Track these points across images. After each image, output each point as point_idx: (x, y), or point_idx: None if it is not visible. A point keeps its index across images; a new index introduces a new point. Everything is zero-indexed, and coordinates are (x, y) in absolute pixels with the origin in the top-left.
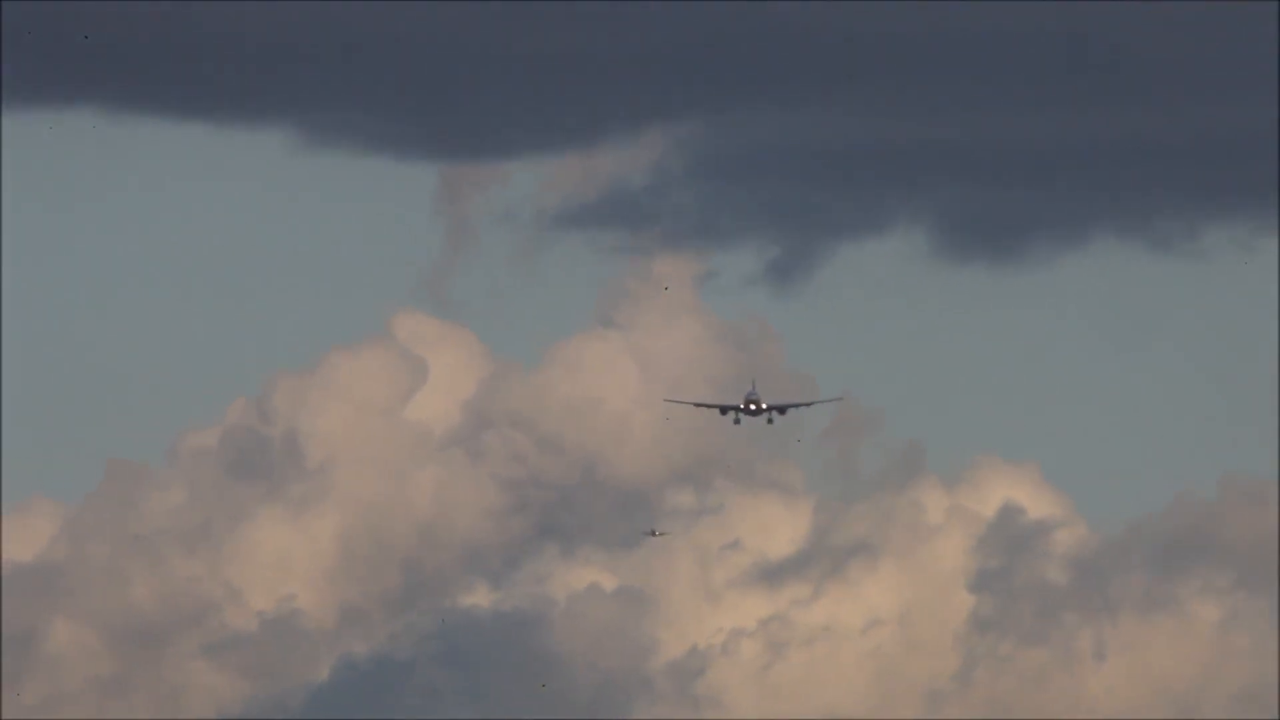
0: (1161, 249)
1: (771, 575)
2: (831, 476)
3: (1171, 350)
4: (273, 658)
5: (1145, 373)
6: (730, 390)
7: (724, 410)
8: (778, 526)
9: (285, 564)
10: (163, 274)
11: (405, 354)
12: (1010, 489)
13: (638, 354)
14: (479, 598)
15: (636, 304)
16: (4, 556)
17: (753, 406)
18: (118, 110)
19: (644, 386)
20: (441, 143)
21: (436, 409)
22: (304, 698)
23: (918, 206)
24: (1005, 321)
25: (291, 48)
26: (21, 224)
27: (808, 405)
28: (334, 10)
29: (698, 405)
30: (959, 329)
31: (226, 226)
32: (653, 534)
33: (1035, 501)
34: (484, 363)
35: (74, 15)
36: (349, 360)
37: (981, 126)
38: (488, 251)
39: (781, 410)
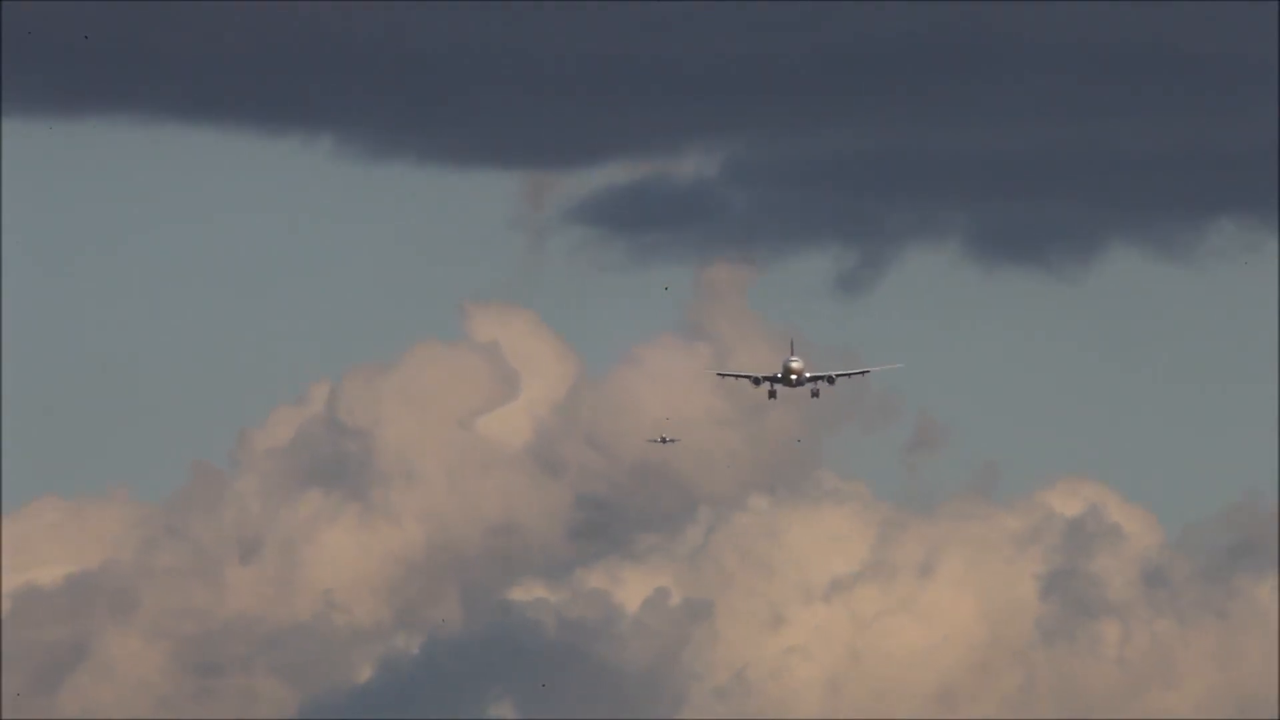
0: (1217, 258)
1: (836, 589)
2: (898, 490)
3: (1223, 358)
4: (326, 660)
5: (1202, 381)
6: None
7: (756, 381)
8: (842, 540)
9: (345, 568)
10: (233, 280)
11: (477, 358)
12: (1076, 501)
13: (701, 360)
14: (538, 604)
15: (704, 313)
16: (77, 555)
17: (793, 377)
18: (185, 120)
19: (708, 394)
20: (515, 150)
21: (505, 412)
22: (354, 701)
23: (970, 215)
24: (1063, 335)
25: (363, 57)
26: (102, 228)
27: (863, 373)
28: (397, 20)
29: (721, 375)
30: (1024, 345)
31: (304, 234)
32: (662, 440)
33: (1101, 512)
34: (551, 367)
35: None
36: (422, 362)
37: (1031, 136)
38: (559, 257)
39: (831, 380)
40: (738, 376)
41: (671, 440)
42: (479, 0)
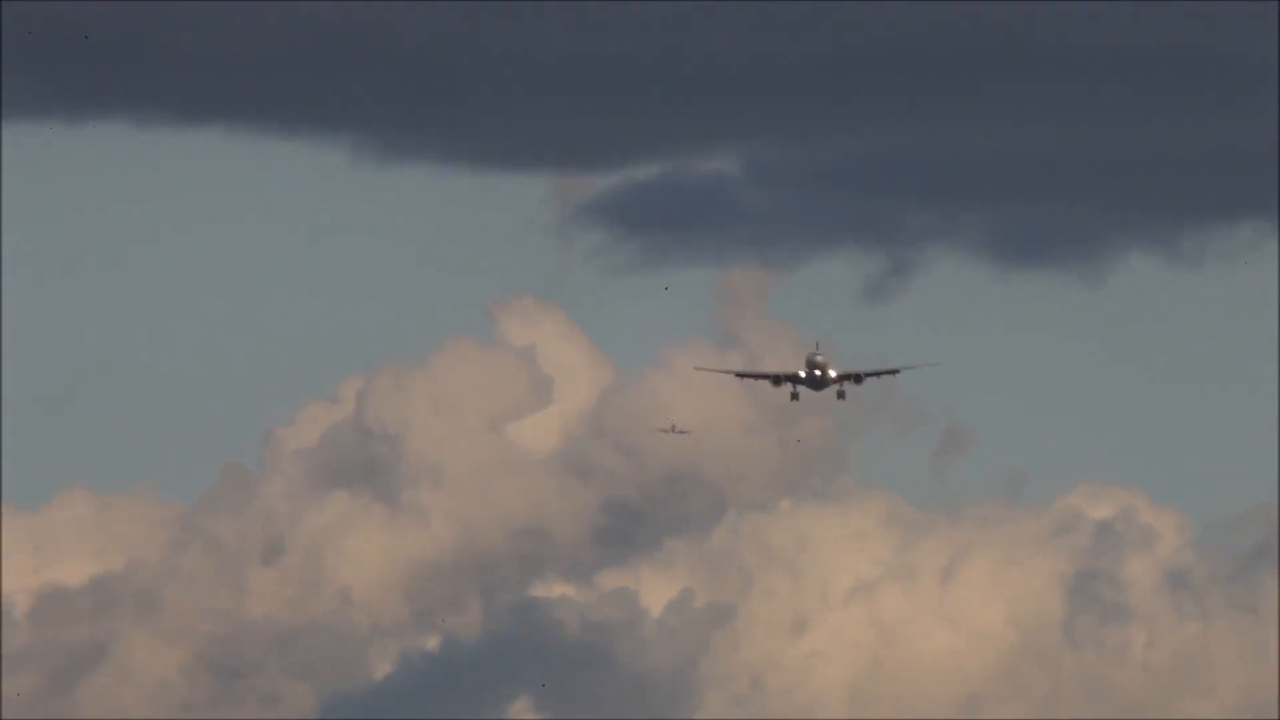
0: (1242, 262)
1: (859, 593)
2: (925, 494)
3: (1248, 360)
4: (349, 661)
5: (1228, 383)
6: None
7: (777, 381)
8: (867, 544)
9: (370, 569)
10: (259, 283)
11: (503, 360)
12: (1100, 504)
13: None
14: (562, 605)
15: (728, 316)
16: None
17: (817, 373)
18: (206, 122)
19: (734, 400)
20: (538, 153)
21: (529, 414)
22: (378, 702)
23: (990, 218)
24: (1086, 339)
25: (382, 60)
26: (138, 234)
27: (893, 373)
28: (420, 23)
29: (739, 375)
30: (1049, 349)
31: (326, 238)
32: (672, 430)
33: (1126, 515)
34: (575, 371)
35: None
36: (448, 364)
37: (1056, 139)
38: (582, 259)
39: (858, 379)
40: (757, 377)
41: (682, 431)
42: (502, 1)
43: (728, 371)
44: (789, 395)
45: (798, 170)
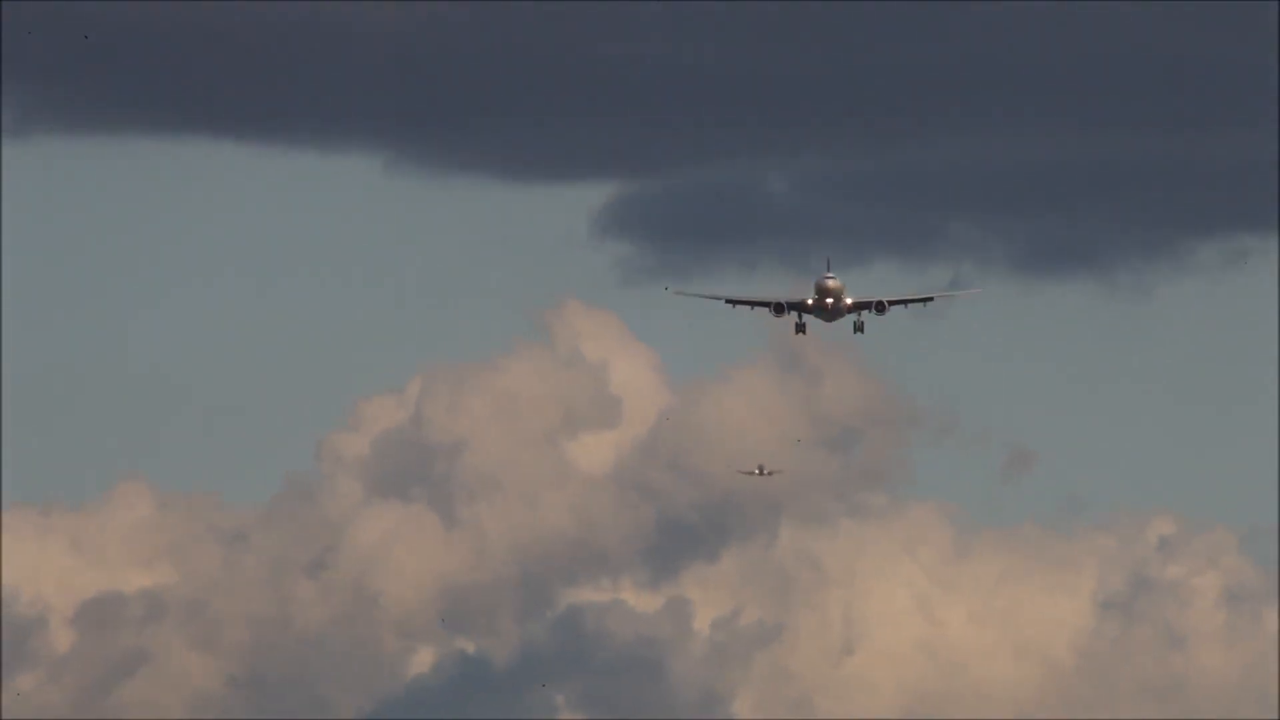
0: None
1: (908, 612)
2: (977, 507)
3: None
4: (387, 666)
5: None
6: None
7: (780, 309)
8: (916, 563)
9: (415, 578)
10: (309, 293)
11: (556, 371)
12: (1150, 522)
13: (774, 384)
14: (609, 618)
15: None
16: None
17: (829, 300)
18: (242, 135)
19: (785, 417)
20: (580, 163)
21: (586, 429)
22: (416, 709)
23: (1021, 231)
24: (1143, 357)
25: (420, 69)
26: (190, 246)
27: (925, 300)
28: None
29: (732, 302)
30: (1100, 364)
31: (370, 250)
32: (759, 472)
33: (1177, 535)
34: (629, 385)
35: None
36: (502, 373)
37: (1088, 150)
38: (617, 271)
39: (880, 307)
40: (755, 304)
41: (770, 473)
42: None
43: (716, 297)
44: (794, 327)
45: (840, 183)
